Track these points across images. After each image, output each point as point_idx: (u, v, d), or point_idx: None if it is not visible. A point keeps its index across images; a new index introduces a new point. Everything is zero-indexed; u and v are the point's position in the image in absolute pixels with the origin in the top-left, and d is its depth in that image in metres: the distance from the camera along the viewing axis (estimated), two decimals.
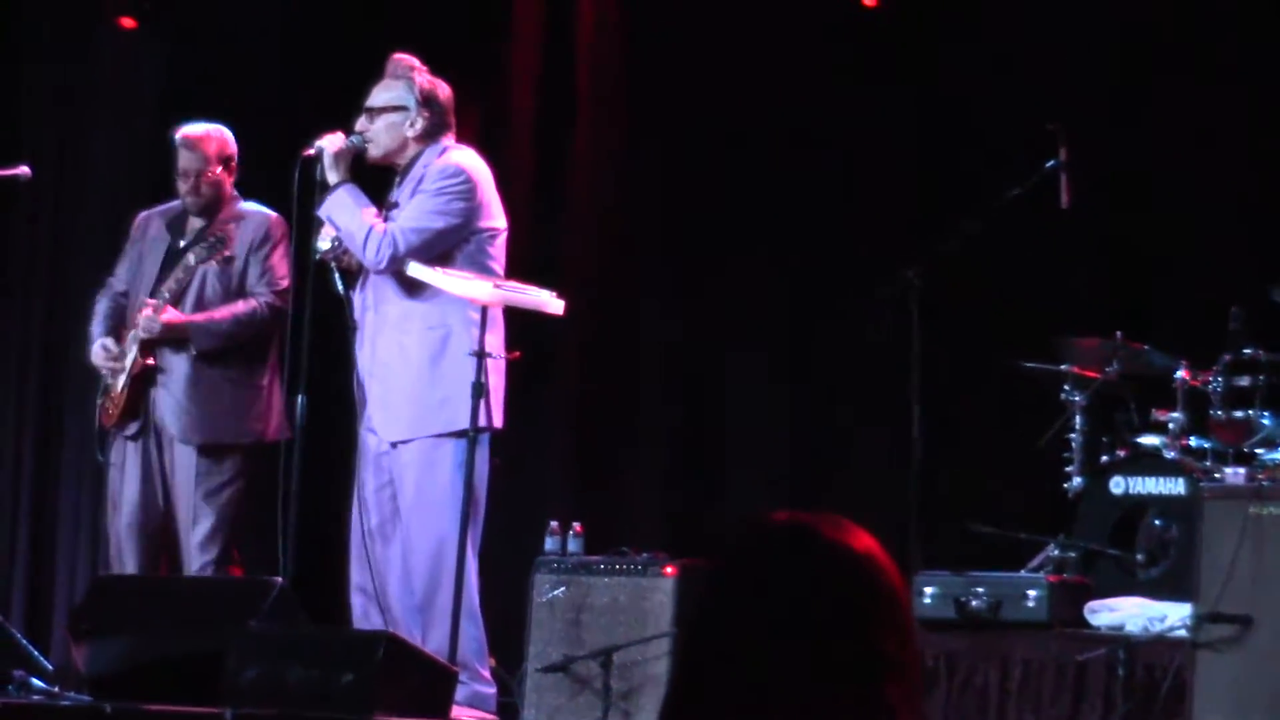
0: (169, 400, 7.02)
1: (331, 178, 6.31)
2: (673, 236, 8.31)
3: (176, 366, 7.02)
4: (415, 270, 6.23)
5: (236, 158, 7.06)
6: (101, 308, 7.27)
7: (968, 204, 6.99)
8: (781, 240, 8.12)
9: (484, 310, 6.18)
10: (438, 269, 6.21)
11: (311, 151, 6.37)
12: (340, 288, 6.41)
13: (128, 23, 8.54)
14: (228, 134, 7.22)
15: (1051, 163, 6.90)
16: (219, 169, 7.14)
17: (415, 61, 6.47)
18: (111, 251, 7.38)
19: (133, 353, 7.04)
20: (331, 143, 6.33)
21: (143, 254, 7.25)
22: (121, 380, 7.02)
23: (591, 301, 7.51)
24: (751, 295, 8.14)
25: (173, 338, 7.00)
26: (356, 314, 6.38)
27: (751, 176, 8.10)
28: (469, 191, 6.31)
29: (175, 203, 7.31)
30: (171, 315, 6.98)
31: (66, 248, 8.71)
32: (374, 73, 6.53)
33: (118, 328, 7.23)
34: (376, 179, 6.59)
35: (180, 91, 8.42)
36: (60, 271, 8.72)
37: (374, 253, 6.22)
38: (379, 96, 6.45)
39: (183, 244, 7.14)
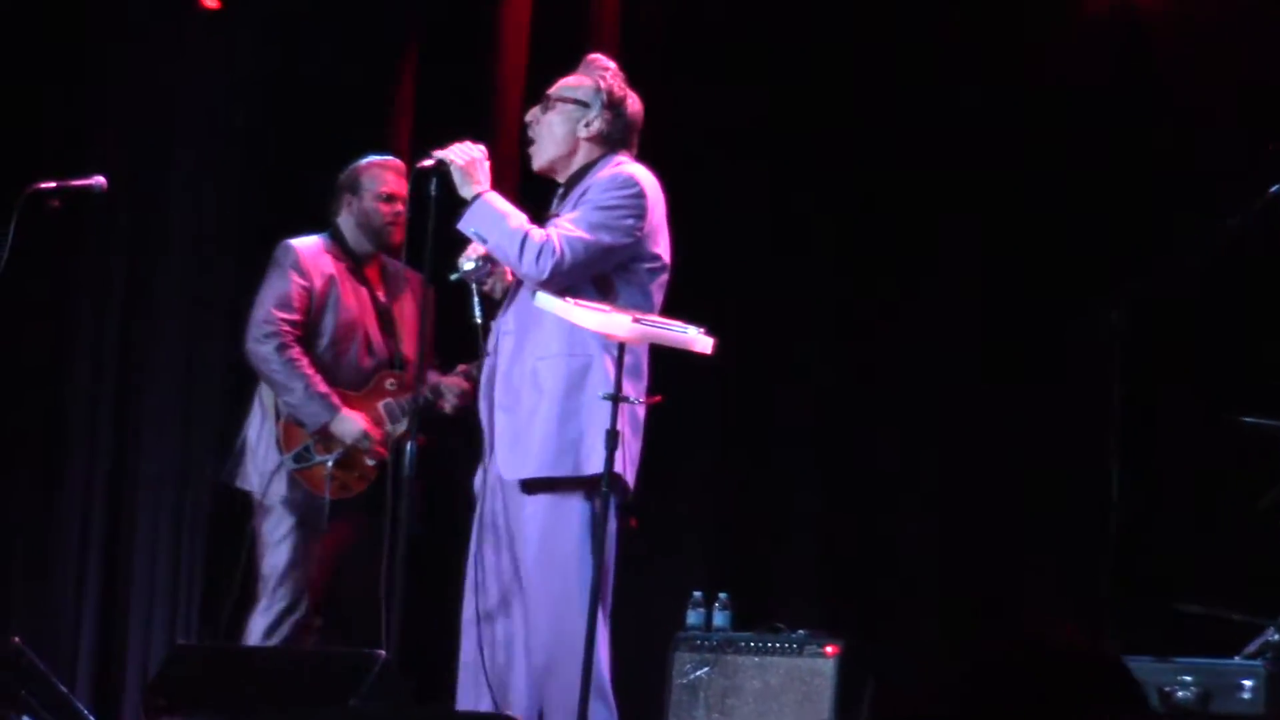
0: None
1: (467, 190, 5.83)
2: (821, 273, 7.81)
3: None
4: (543, 302, 5.63)
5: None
6: (303, 359, 6.90)
7: (1178, 234, 6.66)
8: (956, 274, 7.61)
9: (621, 348, 5.58)
10: (568, 299, 5.61)
11: (429, 164, 5.86)
12: (478, 315, 5.92)
13: (211, 2, 8.11)
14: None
15: (1276, 188, 6.42)
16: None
17: (611, 64, 6.01)
18: (199, 270, 7.07)
19: (400, 426, 6.82)
20: (459, 153, 5.84)
21: (335, 297, 6.95)
22: (372, 456, 6.79)
23: (739, 342, 6.83)
24: (919, 336, 7.65)
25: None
26: (491, 343, 5.91)
27: (919, 206, 7.61)
28: (642, 209, 5.82)
29: (316, 238, 7.02)
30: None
31: (145, 268, 8.29)
32: (478, 61, 6.10)
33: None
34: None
35: (272, 80, 8.06)
36: (138, 294, 8.31)
37: (533, 261, 5.71)
38: (561, 85, 6.00)
39: (384, 296, 6.95)
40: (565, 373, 5.75)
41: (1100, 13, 7.45)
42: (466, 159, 5.84)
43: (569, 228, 5.71)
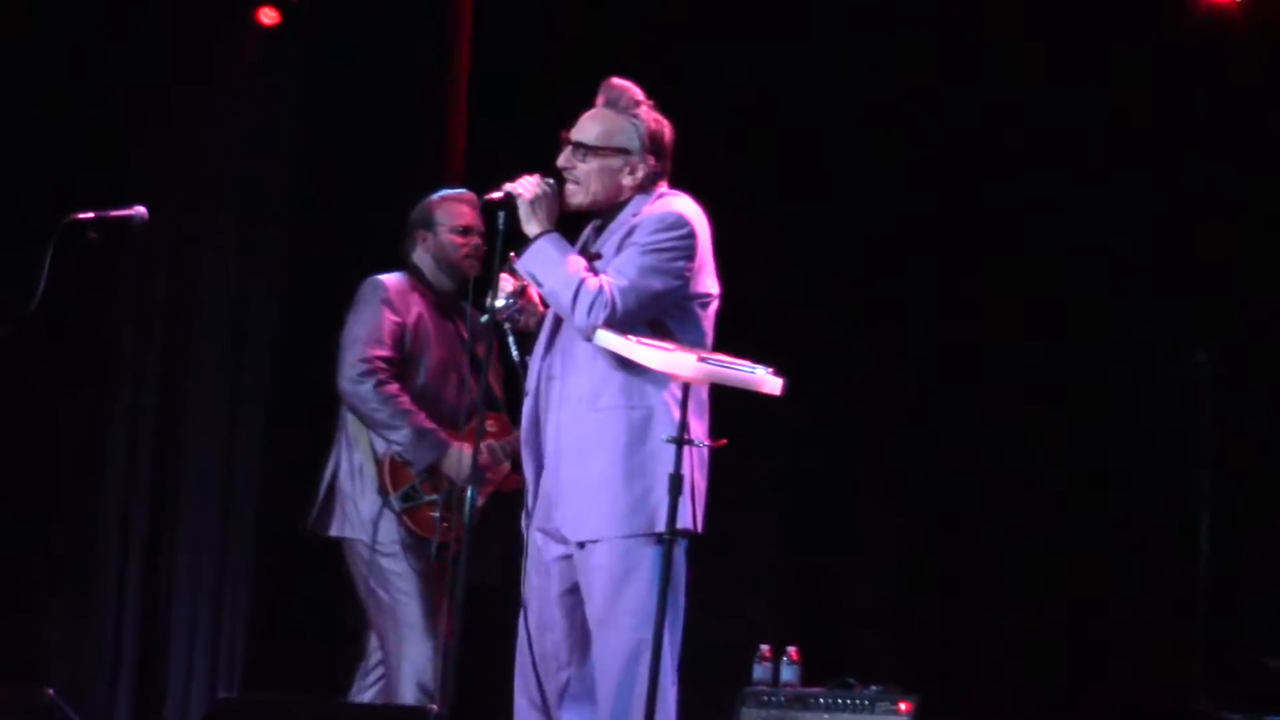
0: None
1: (531, 228, 5.60)
2: (896, 314, 7.63)
3: None
4: (604, 339, 5.43)
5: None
6: (403, 395, 6.70)
7: (1268, 272, 6.58)
8: (1040, 316, 7.44)
9: (686, 388, 5.37)
10: (631, 337, 5.40)
11: (499, 195, 5.64)
12: (515, 353, 5.74)
13: (269, 17, 7.92)
14: None
15: None
16: None
17: (638, 92, 5.72)
18: (240, 303, 6.89)
19: (507, 464, 6.68)
20: (527, 187, 5.62)
21: (428, 334, 6.77)
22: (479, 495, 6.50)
23: (806, 379, 6.62)
24: (1001, 378, 7.47)
25: None
26: (531, 382, 5.71)
27: (998, 247, 7.48)
28: (691, 249, 5.60)
29: (398, 275, 6.82)
30: None
31: (188, 303, 8.07)
32: (552, 84, 5.75)
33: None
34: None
35: (323, 99, 7.85)
36: (180, 328, 8.11)
37: (585, 313, 5.50)
38: (591, 130, 5.69)
39: (466, 334, 6.72)
40: (625, 425, 5.54)
41: (1187, 46, 7.32)
42: (535, 193, 5.63)
43: (619, 277, 5.52)
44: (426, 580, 6.60)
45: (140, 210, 5.98)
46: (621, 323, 5.45)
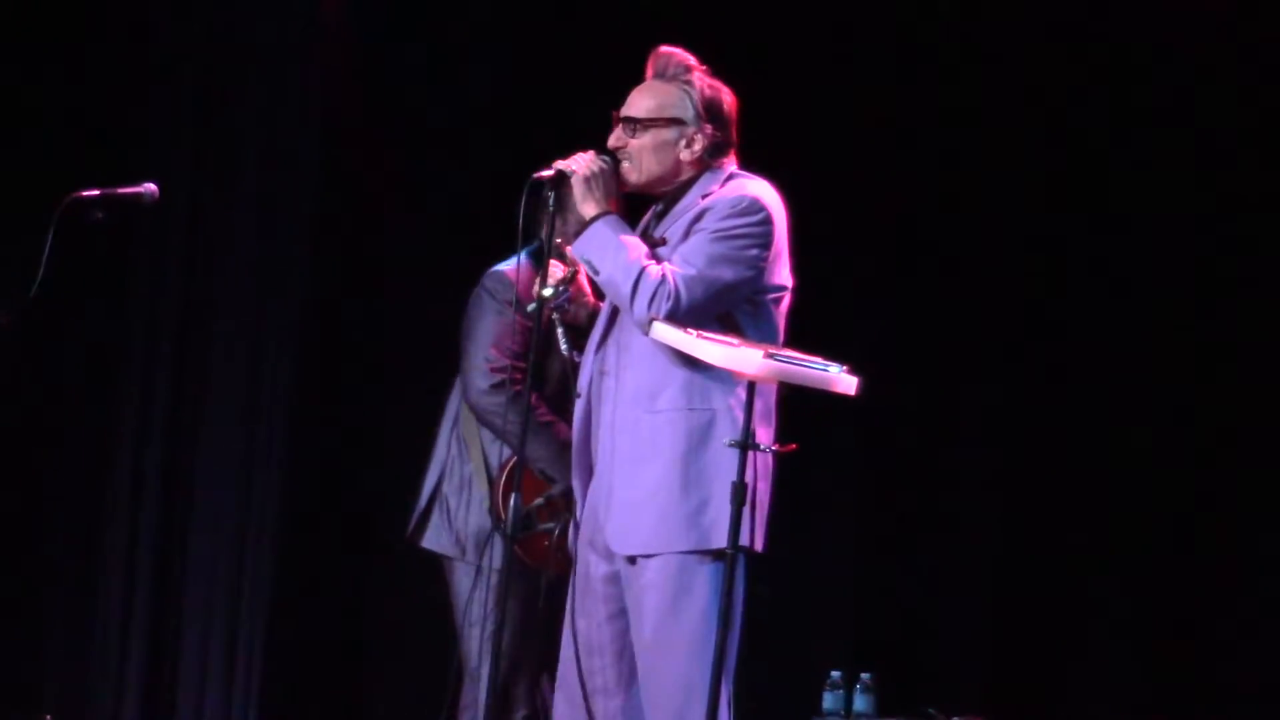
0: None
1: (586, 209, 5.22)
2: (989, 309, 7.28)
3: None
4: (661, 332, 5.03)
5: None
6: (540, 405, 6.08)
7: None
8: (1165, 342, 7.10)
9: (750, 387, 4.99)
10: (691, 331, 5.00)
11: (549, 173, 5.25)
12: (564, 347, 5.44)
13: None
14: None
15: None
16: None
17: (690, 58, 5.36)
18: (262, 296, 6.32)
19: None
20: (582, 163, 5.25)
21: (557, 334, 6.05)
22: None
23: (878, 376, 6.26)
24: (1104, 380, 7.14)
25: None
26: (584, 381, 5.33)
27: (1119, 265, 7.18)
28: (767, 236, 5.22)
29: (522, 261, 6.05)
30: None
31: (204, 293, 7.57)
32: (628, 69, 5.41)
33: None
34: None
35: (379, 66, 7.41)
36: (194, 325, 7.59)
37: (646, 305, 5.12)
38: (642, 103, 5.33)
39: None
40: (685, 430, 5.17)
41: None
42: (589, 170, 5.25)
43: (685, 266, 5.14)
44: (532, 613, 6.10)
45: (150, 188, 5.64)
46: (687, 316, 5.08)
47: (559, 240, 5.28)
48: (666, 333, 5.03)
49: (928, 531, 7.27)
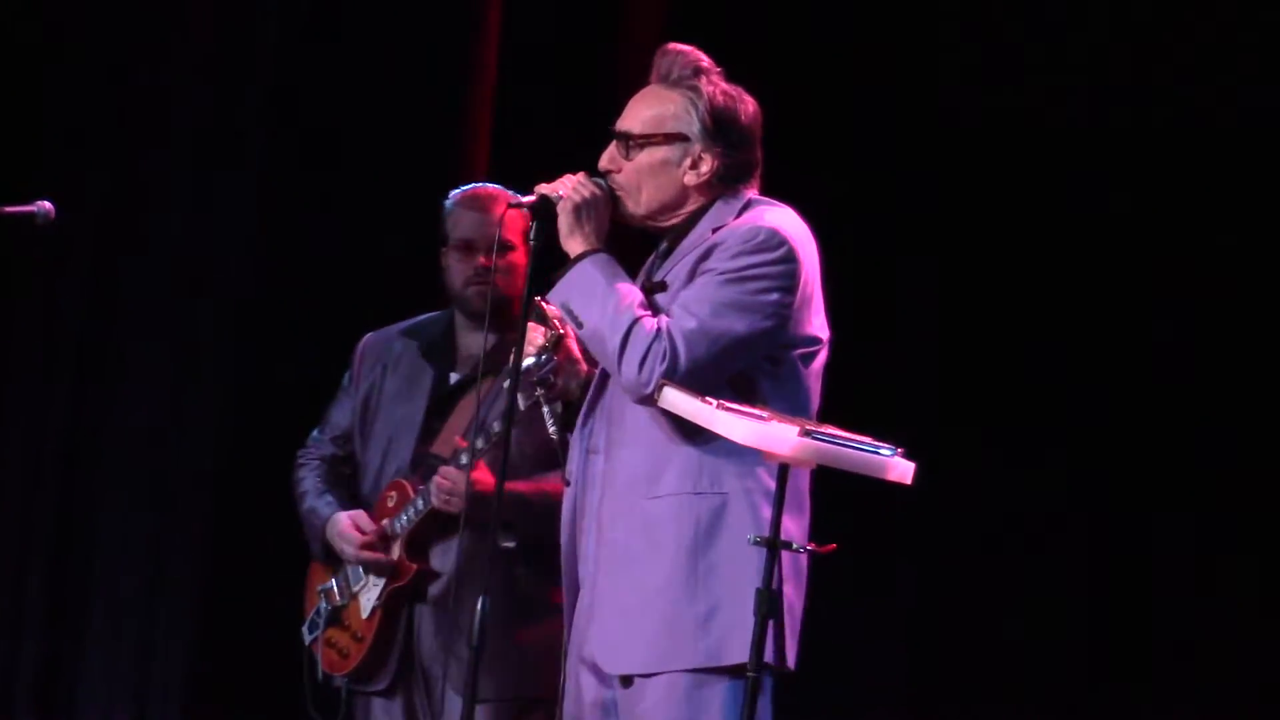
0: (441, 635, 5.25)
1: (571, 244, 4.36)
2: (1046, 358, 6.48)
3: (464, 574, 5.19)
4: (671, 400, 4.12)
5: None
6: (310, 476, 5.48)
7: None
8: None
9: (783, 472, 4.11)
10: (710, 401, 4.09)
11: (531, 200, 4.40)
12: (553, 429, 4.46)
13: None
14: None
15: None
16: (525, 245, 5.02)
17: (701, 57, 4.42)
18: (185, 322, 6.12)
19: (394, 555, 5.32)
20: (569, 188, 4.37)
21: (386, 392, 5.41)
22: (372, 597, 5.28)
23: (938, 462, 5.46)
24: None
25: (479, 518, 5.10)
26: (573, 466, 4.44)
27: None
28: (791, 276, 4.30)
29: (424, 317, 5.54)
30: (488, 481, 5.19)
31: (106, 321, 7.04)
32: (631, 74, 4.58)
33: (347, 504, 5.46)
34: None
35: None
36: (97, 354, 7.05)
37: (636, 366, 4.23)
38: (638, 114, 4.41)
39: (461, 374, 5.37)
40: (691, 519, 4.30)
41: None
42: (580, 197, 4.35)
43: (685, 318, 4.25)
44: None
45: (45, 205, 4.97)
46: (688, 380, 4.17)
47: (540, 299, 4.36)
48: (678, 400, 4.16)
49: (985, 633, 6.41)
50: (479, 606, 4.27)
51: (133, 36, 7.01)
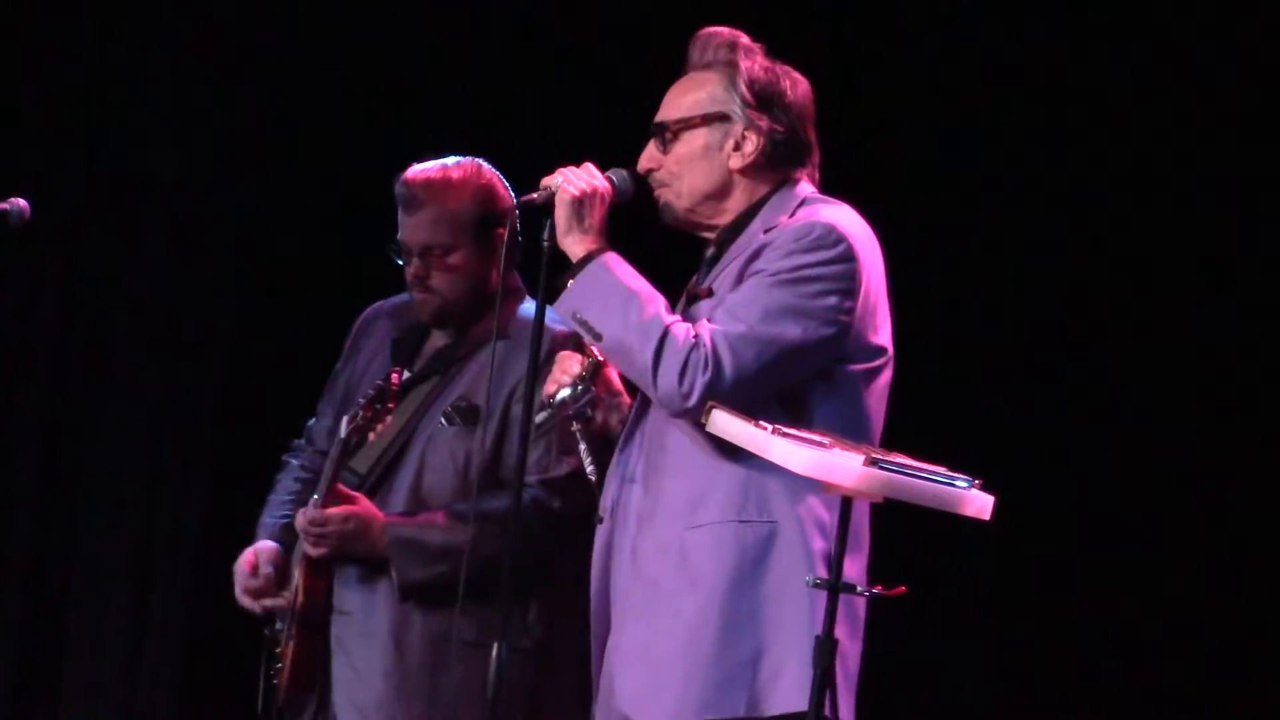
0: (349, 672, 4.67)
1: (571, 245, 3.94)
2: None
3: (367, 610, 4.68)
4: (721, 425, 3.70)
5: (513, 218, 4.56)
6: (290, 474, 4.90)
7: None
8: None
9: (845, 506, 3.72)
10: (764, 425, 3.67)
11: (535, 197, 3.98)
12: (590, 470, 4.02)
13: None
14: (490, 173, 4.75)
15: None
16: (475, 239, 4.68)
17: (741, 36, 4.04)
18: (168, 330, 5.85)
19: (295, 577, 4.74)
20: (575, 180, 3.95)
21: (352, 382, 4.84)
22: (283, 627, 4.80)
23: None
24: None
25: (360, 555, 4.64)
26: (607, 502, 4.01)
27: None
28: (851, 277, 3.89)
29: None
30: (361, 515, 4.63)
31: (87, 326, 6.76)
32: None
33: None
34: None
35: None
36: (79, 365, 6.76)
37: (675, 379, 3.83)
38: (675, 102, 4.04)
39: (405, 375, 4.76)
40: (734, 549, 3.88)
41: None
42: (580, 188, 3.94)
43: (731, 322, 3.85)
44: None
45: (19, 204, 4.58)
46: (734, 391, 3.78)
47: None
48: (728, 424, 3.80)
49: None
50: (494, 654, 3.87)
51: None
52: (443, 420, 4.62)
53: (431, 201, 4.64)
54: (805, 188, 3.99)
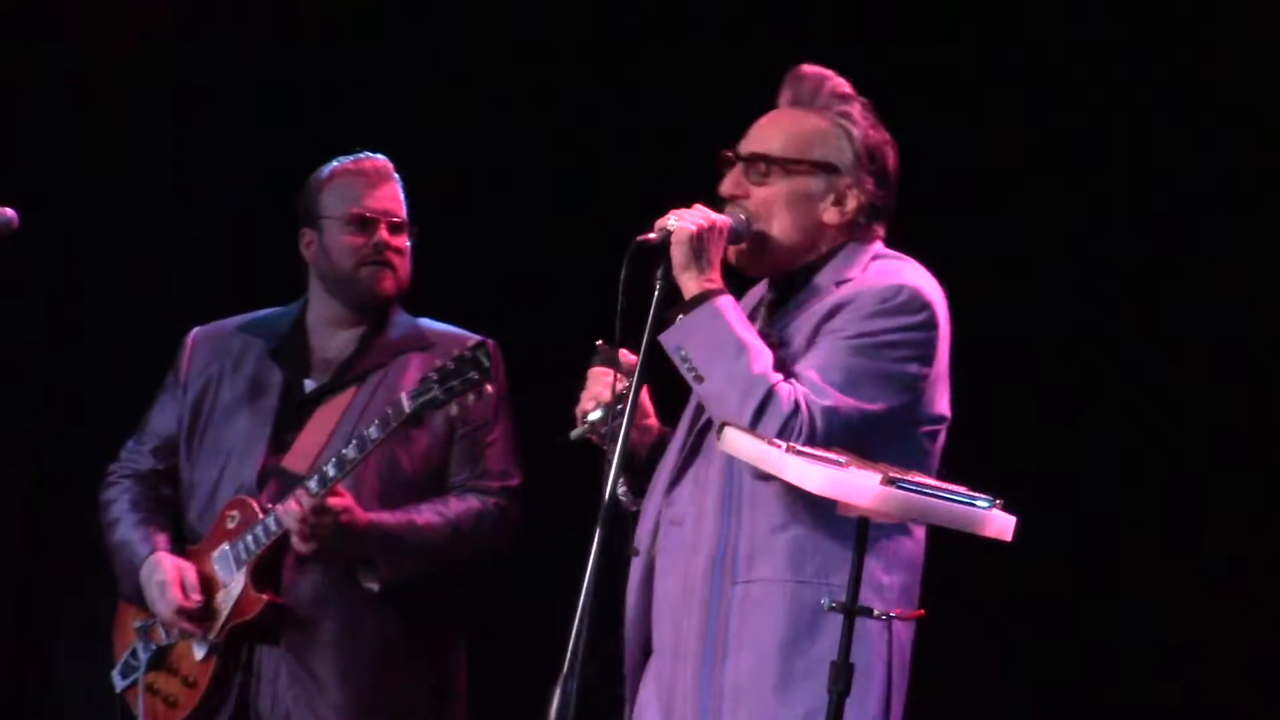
0: (290, 679, 4.63)
1: (690, 283, 3.85)
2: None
3: (320, 613, 4.65)
4: (733, 443, 3.64)
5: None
6: (124, 498, 4.88)
7: None
8: None
9: (862, 527, 3.65)
10: (778, 444, 3.61)
11: (653, 236, 3.86)
12: (622, 490, 3.79)
13: None
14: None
15: None
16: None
17: (846, 84, 3.98)
18: (167, 330, 5.26)
19: (237, 584, 4.65)
20: (693, 219, 3.86)
21: (222, 399, 4.81)
22: (205, 639, 4.71)
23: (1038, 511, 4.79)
24: None
25: (344, 551, 4.63)
26: (642, 537, 3.94)
27: None
28: (930, 345, 3.87)
29: (265, 311, 4.98)
30: (354, 510, 4.60)
31: (75, 337, 6.70)
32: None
33: (170, 539, 4.81)
34: None
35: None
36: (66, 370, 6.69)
37: (775, 433, 3.73)
38: (776, 136, 3.95)
39: (317, 380, 4.79)
40: (787, 609, 3.81)
41: None
42: (698, 224, 3.84)
43: (820, 390, 3.77)
44: None
45: (9, 213, 4.48)
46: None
47: (599, 341, 3.93)
48: (740, 443, 3.62)
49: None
50: (559, 690, 3.64)
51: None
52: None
53: (394, 179, 4.78)
54: (879, 244, 3.93)
